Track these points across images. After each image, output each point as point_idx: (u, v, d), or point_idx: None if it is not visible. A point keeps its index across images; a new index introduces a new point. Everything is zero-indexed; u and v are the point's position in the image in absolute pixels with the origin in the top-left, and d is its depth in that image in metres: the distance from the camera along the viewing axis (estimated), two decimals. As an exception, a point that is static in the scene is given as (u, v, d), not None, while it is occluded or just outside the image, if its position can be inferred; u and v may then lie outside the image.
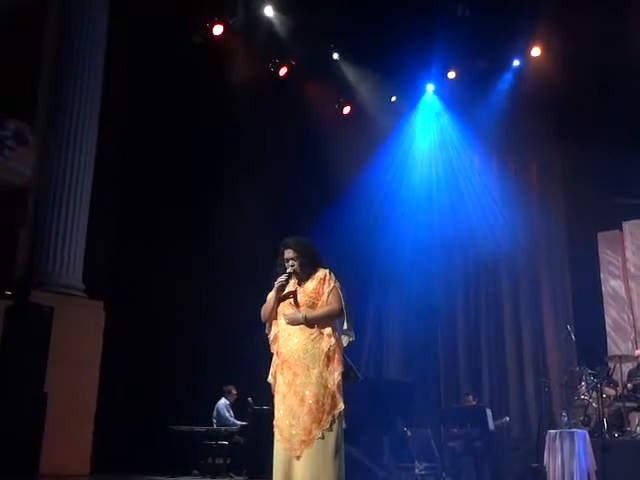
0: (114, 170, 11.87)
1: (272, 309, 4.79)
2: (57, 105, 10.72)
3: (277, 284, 4.75)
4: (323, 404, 4.51)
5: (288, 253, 4.80)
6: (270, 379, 4.76)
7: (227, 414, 11.09)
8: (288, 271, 4.76)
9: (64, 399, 9.39)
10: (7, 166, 10.07)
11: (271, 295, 4.79)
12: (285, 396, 4.60)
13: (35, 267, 10.28)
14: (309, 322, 4.64)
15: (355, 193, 12.73)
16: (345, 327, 4.74)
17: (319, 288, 4.74)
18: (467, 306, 13.20)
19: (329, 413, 4.50)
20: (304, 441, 4.45)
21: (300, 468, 4.43)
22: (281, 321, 4.76)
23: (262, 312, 4.84)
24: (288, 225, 8.64)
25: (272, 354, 4.82)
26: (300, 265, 4.77)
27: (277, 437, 4.57)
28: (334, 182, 12.84)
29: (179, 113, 12.11)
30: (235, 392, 11.23)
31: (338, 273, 4.85)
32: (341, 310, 4.70)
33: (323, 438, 4.45)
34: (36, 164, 10.50)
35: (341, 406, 4.55)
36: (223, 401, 11.21)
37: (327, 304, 4.69)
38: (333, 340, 4.65)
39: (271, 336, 4.83)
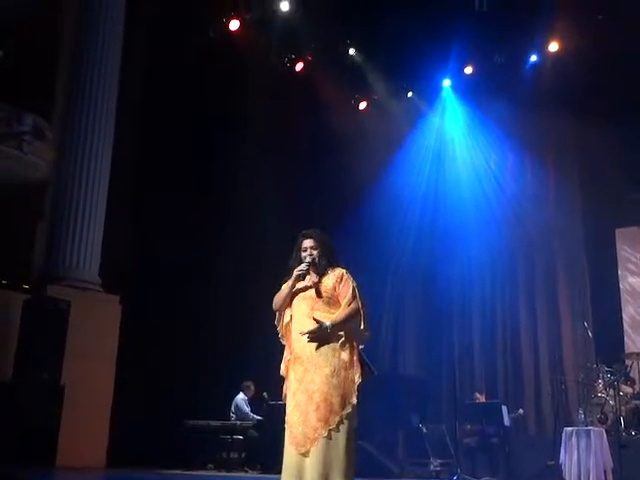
0: (131, 165, 11.92)
1: (285, 298, 4.71)
2: (74, 100, 10.79)
3: (297, 272, 4.65)
4: (332, 403, 4.43)
5: (308, 242, 4.72)
6: (282, 371, 4.69)
7: (247, 409, 11.11)
8: (308, 260, 4.68)
9: (81, 392, 9.46)
10: (25, 161, 10.13)
11: (287, 284, 4.70)
12: (295, 392, 4.54)
13: (52, 261, 10.36)
14: (335, 328, 4.53)
15: (371, 189, 12.69)
16: (362, 327, 4.63)
17: (336, 285, 4.66)
18: (483, 302, 13.14)
19: (337, 413, 4.42)
20: (310, 439, 4.38)
21: (308, 466, 4.37)
22: (294, 314, 4.69)
23: (275, 300, 4.75)
24: (305, 220, 8.61)
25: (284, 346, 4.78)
26: (319, 256, 4.70)
27: (287, 433, 4.51)
28: (350, 176, 12.80)
29: (195, 108, 12.12)
30: (253, 388, 11.25)
31: (354, 269, 4.82)
32: (359, 310, 4.62)
33: (330, 438, 4.37)
34: (53, 159, 10.57)
35: (350, 407, 4.46)
36: (242, 396, 11.23)
37: (346, 305, 4.61)
38: (347, 339, 4.59)
39: (280, 327, 4.78)
